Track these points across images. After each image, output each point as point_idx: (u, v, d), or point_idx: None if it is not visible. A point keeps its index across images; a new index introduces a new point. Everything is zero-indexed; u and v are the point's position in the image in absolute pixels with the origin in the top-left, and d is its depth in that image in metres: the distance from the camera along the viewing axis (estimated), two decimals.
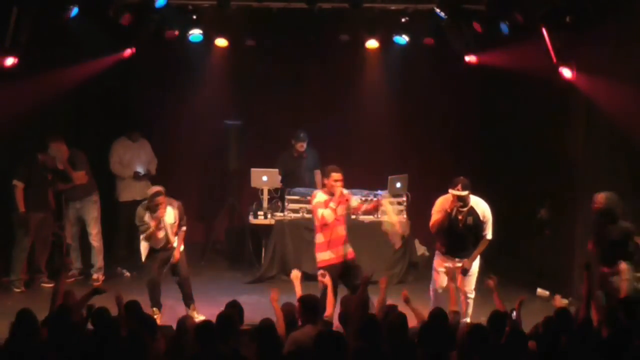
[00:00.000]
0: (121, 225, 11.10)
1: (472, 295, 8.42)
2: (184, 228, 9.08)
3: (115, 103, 11.41)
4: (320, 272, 7.91)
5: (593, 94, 9.43)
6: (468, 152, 11.88)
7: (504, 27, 9.82)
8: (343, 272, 8.43)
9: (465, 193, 8.19)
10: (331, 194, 8.45)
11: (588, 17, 9.24)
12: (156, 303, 8.85)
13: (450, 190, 8.26)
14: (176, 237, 9.00)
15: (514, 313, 6.91)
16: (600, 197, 8.04)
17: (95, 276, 10.40)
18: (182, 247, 9.06)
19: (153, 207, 8.80)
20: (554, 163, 10.27)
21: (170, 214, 8.92)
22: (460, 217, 8.31)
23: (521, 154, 10.74)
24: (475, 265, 8.50)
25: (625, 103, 9.05)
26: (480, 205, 8.38)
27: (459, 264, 8.37)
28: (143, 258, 9.04)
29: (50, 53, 10.06)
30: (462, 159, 11.91)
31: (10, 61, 9.43)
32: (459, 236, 8.39)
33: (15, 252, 10.02)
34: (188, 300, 9.02)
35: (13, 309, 6.83)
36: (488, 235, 8.43)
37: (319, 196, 8.54)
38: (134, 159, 11.04)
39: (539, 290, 10.13)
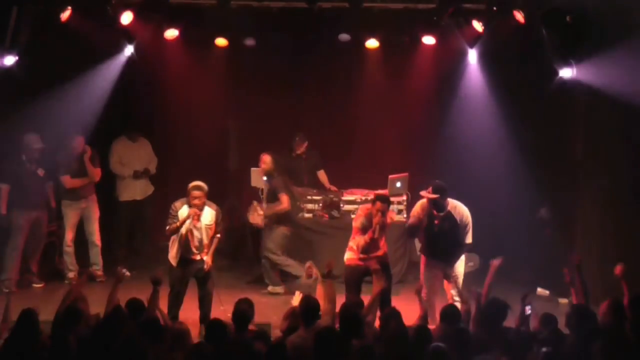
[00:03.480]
0: (121, 225, 11.10)
1: (458, 298, 8.41)
2: (218, 236, 8.65)
3: (115, 103, 11.39)
4: (307, 264, 7.94)
5: (593, 93, 9.44)
6: (468, 152, 11.86)
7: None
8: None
9: (435, 196, 8.15)
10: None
11: (588, 17, 9.25)
12: (172, 317, 8.35)
13: (421, 193, 8.26)
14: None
15: (527, 308, 6.86)
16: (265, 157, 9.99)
17: (100, 273, 10.42)
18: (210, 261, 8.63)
19: (189, 202, 8.38)
20: (554, 163, 10.27)
21: (207, 215, 8.50)
22: (436, 221, 8.30)
23: (521, 154, 10.73)
24: (461, 268, 8.50)
25: (625, 103, 9.06)
26: (459, 210, 8.35)
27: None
28: (174, 263, 8.54)
29: (50, 53, 10.06)
30: (462, 159, 11.90)
31: (10, 61, 9.44)
32: (435, 241, 8.41)
33: (6, 252, 9.92)
34: (203, 321, 8.50)
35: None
36: (467, 240, 8.41)
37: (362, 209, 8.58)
38: (134, 158, 11.04)
39: (539, 290, 10.14)
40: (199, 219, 8.47)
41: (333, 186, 11.21)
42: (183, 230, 8.44)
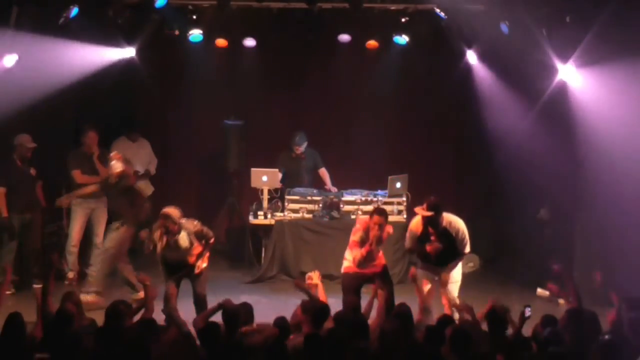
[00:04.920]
0: None
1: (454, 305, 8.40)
2: (211, 241, 8.53)
3: (115, 103, 11.40)
4: (308, 275, 7.94)
5: (593, 93, 9.45)
6: (468, 152, 11.88)
7: (504, 27, 9.84)
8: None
9: (430, 213, 8.13)
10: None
11: (588, 17, 9.26)
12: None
13: (415, 209, 8.25)
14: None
15: (527, 310, 6.84)
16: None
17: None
18: (204, 264, 8.56)
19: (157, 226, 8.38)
20: (553, 163, 10.27)
21: (184, 239, 8.40)
22: (432, 238, 8.27)
23: (521, 154, 10.74)
24: (458, 274, 8.48)
25: (625, 102, 9.07)
26: (454, 225, 8.23)
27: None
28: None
29: (50, 53, 10.04)
30: (462, 159, 11.93)
31: (10, 60, 9.43)
32: (433, 257, 8.40)
33: (2, 254, 9.89)
34: None
35: (3, 310, 6.83)
36: (465, 250, 8.38)
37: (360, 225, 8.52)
38: (133, 158, 11.01)
39: (539, 290, 10.13)
40: (162, 242, 8.35)
41: (333, 187, 11.19)
42: (158, 250, 8.38)
